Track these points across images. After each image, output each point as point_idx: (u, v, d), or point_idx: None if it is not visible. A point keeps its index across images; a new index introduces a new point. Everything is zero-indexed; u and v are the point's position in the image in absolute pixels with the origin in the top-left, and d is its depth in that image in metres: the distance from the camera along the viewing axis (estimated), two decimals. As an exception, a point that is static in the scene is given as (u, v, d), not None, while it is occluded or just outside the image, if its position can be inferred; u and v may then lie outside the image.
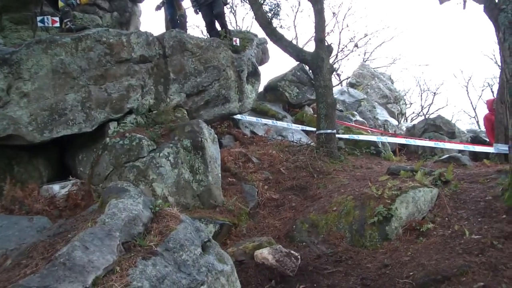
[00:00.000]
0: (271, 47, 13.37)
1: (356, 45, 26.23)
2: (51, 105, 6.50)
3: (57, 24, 8.13)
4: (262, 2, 18.02)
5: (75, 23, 8.11)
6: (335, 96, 11.63)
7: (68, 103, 6.63)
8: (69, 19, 7.71)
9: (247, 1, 17.55)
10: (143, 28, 15.47)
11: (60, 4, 7.86)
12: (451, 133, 13.65)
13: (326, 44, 9.90)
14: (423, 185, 5.74)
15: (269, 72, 42.20)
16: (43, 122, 6.40)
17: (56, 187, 6.36)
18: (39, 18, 8.22)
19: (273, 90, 13.71)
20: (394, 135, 12.85)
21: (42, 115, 6.41)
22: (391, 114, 19.73)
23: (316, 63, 9.45)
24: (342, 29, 28.71)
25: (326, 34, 10.08)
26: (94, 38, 7.09)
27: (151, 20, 40.66)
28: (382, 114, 17.75)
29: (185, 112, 7.82)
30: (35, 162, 6.88)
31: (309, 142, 10.19)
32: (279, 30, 10.70)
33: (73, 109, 6.66)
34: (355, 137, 10.22)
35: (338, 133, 10.03)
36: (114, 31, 7.48)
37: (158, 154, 6.27)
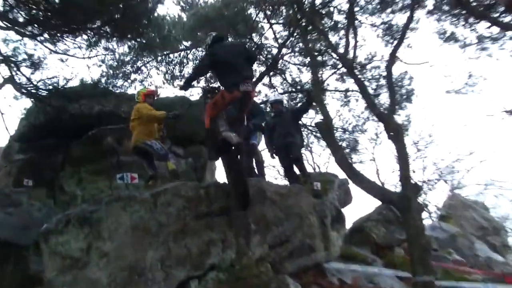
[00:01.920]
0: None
1: (441, 176, 25.46)
2: (130, 264, 6.45)
3: (136, 181, 8.46)
4: (340, 141, 18.29)
5: None
6: (426, 233, 11.04)
7: (147, 262, 6.56)
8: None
9: (324, 140, 17.89)
10: (218, 172, 15.96)
11: (171, 166, 8.34)
12: None
13: (412, 182, 9.63)
14: None
15: (352, 211, 41.38)
16: (122, 282, 6.32)
17: None
18: (118, 176, 8.58)
19: (359, 231, 13.26)
20: (503, 275, 11.73)
21: (121, 276, 6.35)
22: (493, 247, 18.42)
23: (403, 204, 9.13)
24: (425, 157, 28.09)
25: (411, 172, 9.85)
26: (172, 192, 7.24)
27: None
28: (482, 250, 16.59)
29: (269, 266, 7.50)
30: (114, 326, 6.73)
31: (405, 290, 9.50)
32: (358, 165, 10.62)
33: (152, 268, 6.57)
34: (458, 284, 9.43)
35: (437, 278, 9.31)
36: (192, 184, 7.65)
37: (242, 315, 5.98)
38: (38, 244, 7.31)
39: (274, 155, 10.56)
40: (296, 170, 10.08)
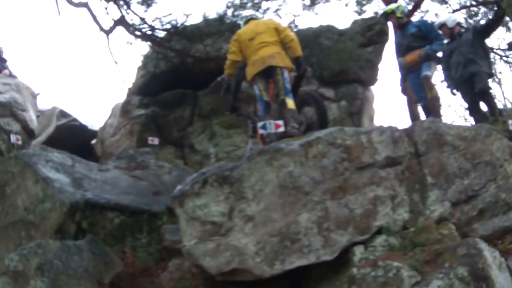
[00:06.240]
0: None
1: None
2: (281, 229, 6.66)
3: (281, 129, 8.57)
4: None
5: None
6: None
7: (301, 225, 6.73)
8: (297, 123, 8.17)
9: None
10: (377, 117, 15.82)
11: (290, 103, 8.44)
12: None
13: None
14: None
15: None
16: (273, 250, 6.56)
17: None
18: (259, 124, 8.69)
19: None
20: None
21: (271, 242, 6.58)
22: None
23: None
24: None
25: None
26: (326, 141, 7.26)
27: (387, 104, 41.58)
28: None
29: (453, 227, 7.36)
30: (264, 301, 7.02)
31: None
32: None
33: (308, 232, 6.73)
34: None
35: None
36: (350, 130, 7.61)
37: (424, 288, 5.98)
38: (172, 210, 7.81)
39: (454, 90, 10.25)
40: (482, 106, 9.73)
